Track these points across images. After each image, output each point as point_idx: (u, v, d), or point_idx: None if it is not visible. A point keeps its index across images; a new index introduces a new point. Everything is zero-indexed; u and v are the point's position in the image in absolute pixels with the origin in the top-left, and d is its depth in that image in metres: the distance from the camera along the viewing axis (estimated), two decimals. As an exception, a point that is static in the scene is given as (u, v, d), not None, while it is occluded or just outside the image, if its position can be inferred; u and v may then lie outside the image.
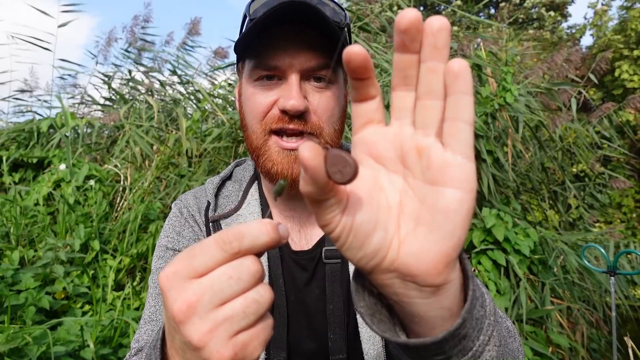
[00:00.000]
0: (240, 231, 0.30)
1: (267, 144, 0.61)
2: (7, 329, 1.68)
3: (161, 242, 0.71)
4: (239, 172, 0.76)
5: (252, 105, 0.61)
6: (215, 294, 0.30)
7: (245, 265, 0.30)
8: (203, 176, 3.01)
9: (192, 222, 0.70)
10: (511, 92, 2.35)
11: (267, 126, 0.60)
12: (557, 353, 2.19)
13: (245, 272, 0.30)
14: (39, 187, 3.08)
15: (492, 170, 2.51)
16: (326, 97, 0.61)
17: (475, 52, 2.78)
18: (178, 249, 0.68)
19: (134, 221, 2.77)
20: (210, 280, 0.30)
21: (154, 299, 0.67)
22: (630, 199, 6.47)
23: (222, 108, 3.83)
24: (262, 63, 0.59)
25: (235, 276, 0.30)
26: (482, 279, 2.16)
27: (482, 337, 0.33)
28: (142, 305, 2.41)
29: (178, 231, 0.70)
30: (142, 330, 0.63)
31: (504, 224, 2.23)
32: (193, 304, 0.29)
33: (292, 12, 0.54)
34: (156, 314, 0.64)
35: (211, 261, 0.30)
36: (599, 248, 1.79)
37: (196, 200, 0.73)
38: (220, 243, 0.30)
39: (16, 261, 2.28)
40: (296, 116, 0.59)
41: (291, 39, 0.57)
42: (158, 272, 0.67)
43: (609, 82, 6.76)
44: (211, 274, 0.30)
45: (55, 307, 2.16)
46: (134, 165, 3.33)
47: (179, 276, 0.30)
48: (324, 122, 0.61)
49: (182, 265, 0.30)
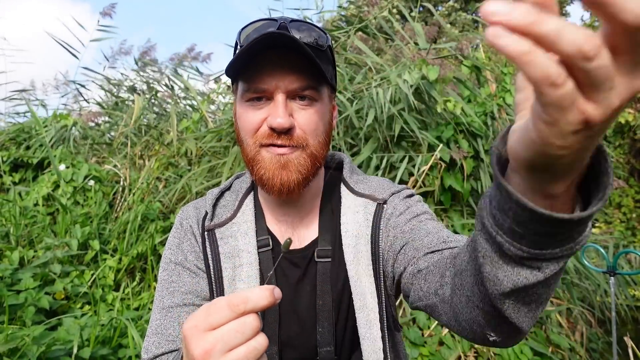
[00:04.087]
0: (245, 296, 0.41)
1: (260, 154, 0.68)
2: (7, 329, 1.68)
3: (166, 254, 0.77)
4: (237, 184, 0.83)
5: (245, 123, 0.69)
6: (225, 344, 0.40)
7: (248, 323, 0.41)
8: (203, 176, 3.01)
9: (190, 235, 0.77)
10: (511, 92, 2.36)
11: (258, 141, 0.68)
12: (557, 353, 2.19)
13: (249, 327, 0.41)
14: (39, 187, 3.08)
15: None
16: (310, 114, 0.68)
17: (473, 53, 2.78)
18: (179, 262, 0.75)
19: (133, 221, 2.77)
20: (221, 333, 0.41)
21: (159, 312, 0.72)
22: (630, 199, 6.47)
23: (223, 108, 3.84)
24: (251, 87, 0.67)
25: (241, 330, 0.41)
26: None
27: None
28: (141, 305, 2.41)
29: (178, 244, 0.77)
30: (150, 342, 0.70)
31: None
32: (209, 351, 0.40)
33: (274, 41, 0.61)
34: (161, 328, 0.70)
35: (223, 318, 0.41)
36: (598, 248, 1.79)
37: (196, 211, 0.79)
38: (230, 305, 0.41)
39: (16, 261, 2.28)
40: (283, 132, 0.66)
41: (276, 63, 0.65)
42: (163, 284, 0.74)
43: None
44: (222, 328, 0.41)
45: (55, 307, 2.16)
46: (133, 162, 3.33)
47: (198, 329, 0.42)
48: (309, 136, 0.68)
49: (201, 320, 0.42)
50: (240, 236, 0.74)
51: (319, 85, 0.68)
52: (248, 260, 0.72)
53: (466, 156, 2.35)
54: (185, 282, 0.73)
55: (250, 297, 0.41)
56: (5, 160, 3.41)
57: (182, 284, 0.72)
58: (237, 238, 0.74)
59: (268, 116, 0.66)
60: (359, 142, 2.62)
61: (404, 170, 2.35)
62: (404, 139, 2.70)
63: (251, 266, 0.72)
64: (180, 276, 0.73)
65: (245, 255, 0.72)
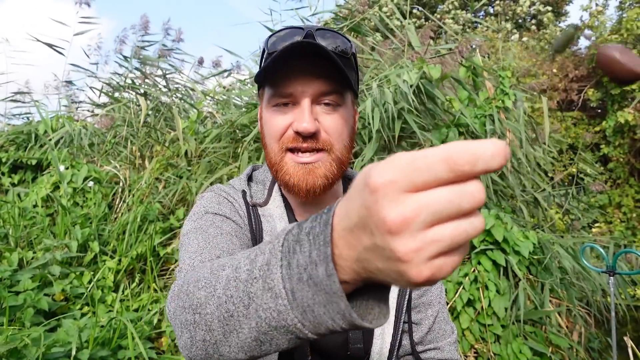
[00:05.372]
0: (474, 151, 0.28)
1: (284, 159, 0.70)
2: (6, 330, 1.67)
3: (197, 210, 0.72)
4: (259, 175, 0.84)
5: (270, 127, 0.71)
6: (432, 215, 0.29)
7: (469, 193, 0.29)
8: (202, 176, 3.01)
9: (232, 203, 0.74)
10: (509, 95, 2.38)
11: (284, 145, 0.69)
12: (556, 353, 2.19)
13: (468, 200, 0.29)
14: (38, 188, 3.08)
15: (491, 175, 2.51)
16: (335, 118, 0.70)
17: (470, 55, 2.78)
18: (221, 212, 0.70)
19: (133, 222, 2.77)
20: (430, 199, 0.29)
21: (200, 238, 0.65)
22: (630, 199, 6.47)
23: (223, 106, 3.84)
24: (278, 91, 0.69)
25: (457, 202, 0.29)
26: (482, 279, 2.17)
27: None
28: (140, 306, 2.41)
29: (218, 202, 0.73)
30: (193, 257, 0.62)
31: (503, 225, 2.23)
32: (408, 219, 0.29)
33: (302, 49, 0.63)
34: (206, 249, 0.63)
35: (434, 180, 0.29)
36: (598, 248, 1.79)
37: (230, 187, 0.79)
38: (450, 163, 0.28)
39: (15, 262, 2.28)
40: (309, 136, 0.68)
41: (302, 70, 0.67)
42: (196, 231, 0.67)
43: (608, 82, 6.76)
44: (431, 193, 0.29)
45: (54, 308, 2.16)
46: (132, 163, 3.33)
47: (397, 186, 0.29)
48: (334, 140, 0.70)
49: (402, 176, 0.29)
50: (277, 220, 0.75)
51: (343, 90, 0.71)
52: None
53: None
54: (231, 226, 0.68)
55: (481, 153, 0.28)
56: (4, 162, 3.41)
57: (227, 226, 0.68)
58: (274, 220, 0.75)
59: (294, 121, 0.68)
60: (359, 142, 2.62)
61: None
62: (404, 139, 2.70)
63: None
64: (224, 222, 0.69)
65: None
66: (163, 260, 2.77)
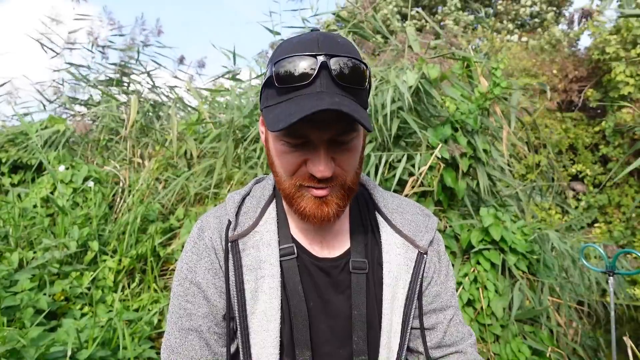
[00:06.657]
0: None
1: (297, 193, 0.68)
2: (4, 330, 1.68)
3: (182, 268, 0.75)
4: (258, 190, 0.82)
5: (283, 162, 0.68)
6: None
7: None
8: (202, 176, 3.01)
9: (210, 249, 0.75)
10: (500, 86, 2.39)
11: (298, 182, 0.67)
12: (555, 352, 2.19)
13: None
14: (38, 189, 3.08)
15: (489, 170, 2.51)
16: (350, 155, 0.68)
17: (466, 47, 2.78)
18: (196, 282, 0.73)
19: (133, 222, 2.77)
20: None
21: (179, 332, 0.71)
22: (630, 199, 6.47)
23: (222, 107, 3.84)
24: (292, 132, 0.63)
25: None
26: (480, 279, 2.17)
27: None
28: (141, 306, 2.41)
29: (196, 260, 0.75)
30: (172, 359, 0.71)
31: (501, 223, 2.23)
32: None
33: (324, 114, 0.58)
34: (182, 348, 0.70)
35: None
36: (597, 248, 1.79)
37: (217, 220, 0.77)
38: None
39: (15, 263, 2.28)
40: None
41: (321, 120, 0.61)
42: (179, 300, 0.73)
43: (607, 82, 6.75)
44: None
45: (55, 308, 2.16)
46: (132, 163, 3.33)
47: None
48: (347, 172, 0.68)
49: None
50: (263, 246, 0.73)
51: (358, 126, 0.67)
52: (270, 272, 0.71)
53: (465, 153, 2.35)
54: (202, 304, 0.72)
55: None
56: (4, 162, 3.42)
57: (199, 307, 0.72)
58: (259, 248, 0.73)
59: (308, 160, 0.65)
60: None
61: (402, 169, 2.36)
62: (402, 138, 2.70)
63: (273, 278, 0.71)
64: (196, 298, 0.72)
65: (268, 267, 0.72)
66: (163, 261, 2.78)
